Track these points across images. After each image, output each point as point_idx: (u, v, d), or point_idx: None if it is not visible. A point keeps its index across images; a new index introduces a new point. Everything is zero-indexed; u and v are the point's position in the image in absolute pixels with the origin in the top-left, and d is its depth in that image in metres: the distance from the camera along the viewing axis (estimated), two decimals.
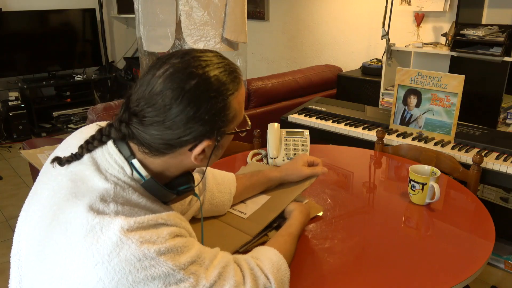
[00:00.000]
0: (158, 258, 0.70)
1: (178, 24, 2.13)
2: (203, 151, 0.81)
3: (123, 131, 0.79)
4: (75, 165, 0.80)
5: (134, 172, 0.80)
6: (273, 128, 1.71)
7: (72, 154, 0.82)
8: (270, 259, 0.90)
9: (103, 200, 0.73)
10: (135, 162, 0.80)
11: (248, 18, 2.33)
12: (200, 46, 2.14)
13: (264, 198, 1.27)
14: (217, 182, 1.19)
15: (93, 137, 0.82)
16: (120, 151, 0.80)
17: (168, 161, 0.82)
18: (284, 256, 0.93)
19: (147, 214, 0.75)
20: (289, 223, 1.09)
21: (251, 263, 0.86)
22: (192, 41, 2.08)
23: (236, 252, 1.08)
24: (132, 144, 0.81)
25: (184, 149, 0.80)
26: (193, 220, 1.21)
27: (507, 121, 2.34)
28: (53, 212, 0.75)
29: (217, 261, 0.80)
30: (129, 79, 5.10)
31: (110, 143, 0.81)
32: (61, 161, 0.81)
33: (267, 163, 1.66)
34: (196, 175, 1.19)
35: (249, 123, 0.90)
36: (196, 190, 1.16)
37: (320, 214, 1.30)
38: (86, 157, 0.81)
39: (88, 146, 0.81)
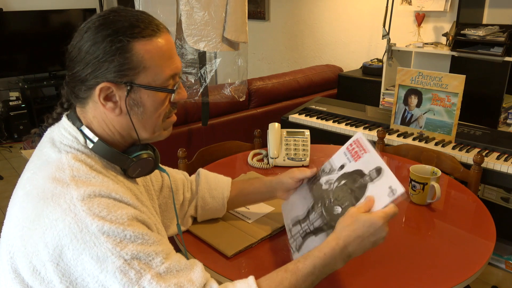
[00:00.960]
0: (99, 235, 0.69)
1: (179, 24, 2.13)
2: (111, 99, 0.82)
3: (64, 94, 0.87)
4: (39, 148, 0.85)
5: (88, 140, 0.83)
6: (274, 128, 1.71)
7: (34, 135, 0.90)
8: None
9: (59, 169, 0.76)
10: (83, 128, 0.83)
11: (249, 18, 2.33)
12: (201, 46, 2.14)
13: (268, 208, 1.28)
14: (210, 187, 1.19)
15: (47, 116, 0.90)
16: (72, 123, 0.84)
17: (96, 115, 0.84)
18: None
19: (105, 180, 0.77)
20: (311, 252, 0.84)
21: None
22: (193, 41, 2.08)
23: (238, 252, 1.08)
24: (79, 110, 0.86)
25: (93, 93, 0.81)
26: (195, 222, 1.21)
27: (508, 121, 2.34)
28: (21, 190, 0.79)
29: (175, 279, 0.72)
30: None
31: (63, 118, 0.87)
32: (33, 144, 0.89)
33: (268, 163, 1.66)
34: (192, 177, 1.20)
35: (185, 94, 0.88)
36: (183, 190, 1.16)
37: None
38: (45, 137, 0.86)
39: (43, 125, 0.89)
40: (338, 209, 0.97)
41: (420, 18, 2.88)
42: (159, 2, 2.10)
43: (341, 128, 2.28)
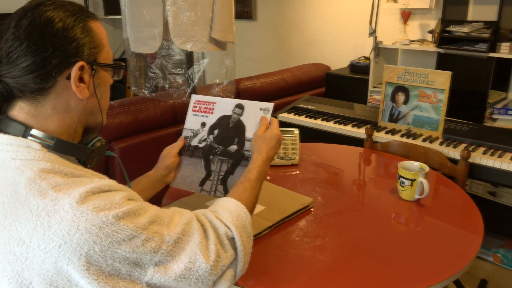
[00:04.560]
0: (118, 223, 0.71)
1: (166, 25, 2.12)
2: (83, 80, 0.80)
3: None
4: None
5: (43, 143, 0.77)
6: None
7: None
8: (227, 209, 0.90)
9: (34, 185, 0.71)
10: (34, 132, 0.77)
11: (236, 18, 2.33)
12: (188, 46, 2.13)
13: (258, 208, 1.29)
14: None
15: None
16: (12, 133, 0.76)
17: (57, 106, 0.79)
18: (244, 204, 0.93)
19: (82, 178, 0.74)
20: (248, 168, 1.05)
21: (209, 216, 0.87)
22: (180, 42, 2.07)
23: None
24: (22, 111, 0.78)
25: (61, 79, 0.78)
26: None
27: (494, 116, 2.37)
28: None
29: (177, 219, 0.81)
30: (117, 81, 5.05)
31: None
32: None
33: None
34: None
35: (122, 64, 0.92)
36: None
37: (310, 205, 1.33)
38: None
39: None
40: (233, 147, 1.17)
41: (406, 15, 2.90)
42: (145, 3, 2.09)
43: (330, 126, 2.29)
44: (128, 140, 2.25)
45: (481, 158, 1.83)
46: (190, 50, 2.18)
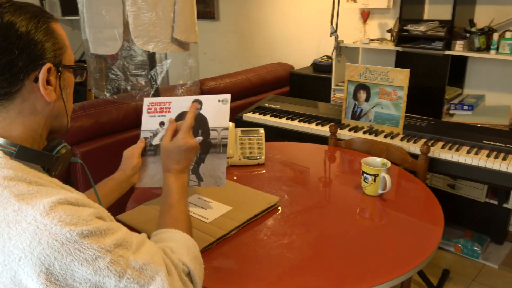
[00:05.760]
0: (81, 241, 0.67)
1: (126, 25, 2.07)
2: (50, 82, 0.79)
3: None
4: None
5: (4, 151, 0.74)
6: (228, 128, 1.70)
7: None
8: (179, 242, 0.89)
9: None
10: None
11: (198, 18, 2.31)
12: (150, 47, 2.09)
13: (225, 208, 1.29)
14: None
15: None
16: None
17: (22, 110, 0.77)
18: (185, 231, 0.93)
19: (48, 187, 0.71)
20: (164, 192, 1.03)
21: (167, 252, 0.85)
22: (141, 43, 2.03)
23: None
24: None
25: (28, 82, 0.76)
26: None
27: (451, 111, 2.46)
28: None
29: (145, 249, 0.77)
30: (78, 83, 4.92)
31: None
32: None
33: None
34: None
35: (85, 65, 0.91)
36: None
37: (277, 203, 1.33)
38: None
39: None
40: (199, 138, 1.19)
41: (365, 15, 2.97)
42: (103, 3, 2.04)
43: (295, 125, 2.31)
44: (90, 144, 2.20)
45: (440, 152, 1.89)
46: (152, 51, 2.15)
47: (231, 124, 1.72)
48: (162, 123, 1.24)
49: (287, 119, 2.37)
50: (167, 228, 0.92)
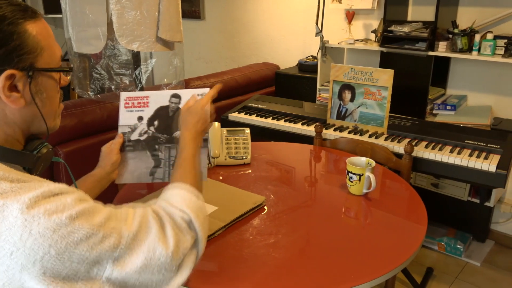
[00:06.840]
0: (72, 224, 0.69)
1: (110, 24, 2.05)
2: (15, 89, 0.76)
3: None
4: None
5: None
6: (214, 127, 1.70)
7: None
8: (178, 194, 0.91)
9: None
10: None
11: (184, 17, 2.30)
12: (134, 46, 2.07)
13: (211, 208, 1.28)
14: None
15: None
16: None
17: None
18: (191, 185, 0.94)
19: (31, 183, 0.71)
20: (180, 147, 1.05)
21: (163, 205, 0.88)
22: (125, 42, 2.01)
23: None
24: None
25: None
26: None
27: (434, 111, 2.49)
28: None
29: (133, 214, 0.81)
30: None
31: None
32: None
33: (209, 162, 1.65)
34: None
35: (71, 65, 0.89)
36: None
37: (263, 203, 1.33)
38: None
39: None
40: (178, 133, 1.15)
41: (350, 15, 2.99)
42: (87, 1, 2.02)
43: (280, 124, 2.31)
44: (73, 144, 2.17)
45: (424, 151, 1.92)
46: (137, 50, 2.13)
47: (217, 124, 1.71)
48: (140, 118, 1.24)
49: (273, 119, 2.37)
50: (175, 183, 0.94)
